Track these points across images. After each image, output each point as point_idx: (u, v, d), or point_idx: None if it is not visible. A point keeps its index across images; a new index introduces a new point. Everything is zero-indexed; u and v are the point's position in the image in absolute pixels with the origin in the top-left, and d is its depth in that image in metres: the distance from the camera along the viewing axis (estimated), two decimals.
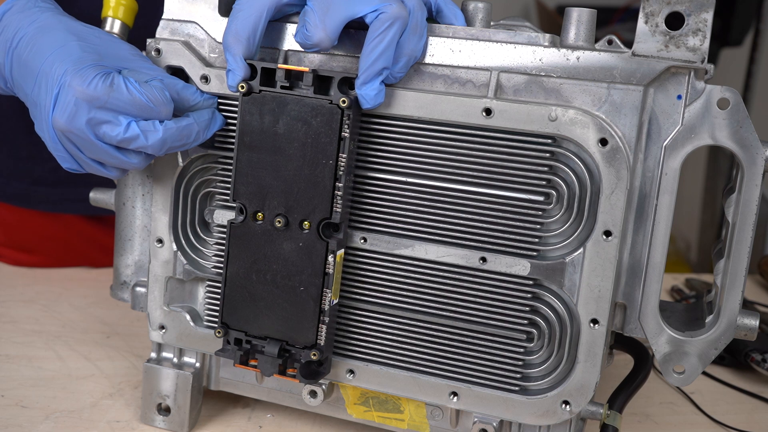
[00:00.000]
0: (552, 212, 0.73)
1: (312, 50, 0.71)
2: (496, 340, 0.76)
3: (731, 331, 0.73)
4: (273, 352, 0.75)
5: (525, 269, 0.73)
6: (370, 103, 0.71)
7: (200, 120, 0.75)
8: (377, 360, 0.79)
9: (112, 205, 0.88)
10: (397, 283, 0.77)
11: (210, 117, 0.76)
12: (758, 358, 1.02)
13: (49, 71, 0.72)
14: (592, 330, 0.72)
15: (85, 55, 0.73)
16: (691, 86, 0.70)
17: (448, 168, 0.74)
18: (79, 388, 0.92)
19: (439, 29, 0.74)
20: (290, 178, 0.73)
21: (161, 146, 0.73)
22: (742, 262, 0.72)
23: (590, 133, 0.70)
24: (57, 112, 0.72)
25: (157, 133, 0.72)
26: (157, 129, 0.72)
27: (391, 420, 0.82)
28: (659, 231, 0.72)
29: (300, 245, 0.74)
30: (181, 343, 0.84)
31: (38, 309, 1.11)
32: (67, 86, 0.71)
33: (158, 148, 0.73)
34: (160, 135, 0.72)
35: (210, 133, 0.77)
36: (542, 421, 0.75)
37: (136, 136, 0.72)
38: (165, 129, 0.73)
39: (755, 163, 0.70)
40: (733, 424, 0.93)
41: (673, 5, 0.68)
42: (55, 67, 0.72)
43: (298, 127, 0.72)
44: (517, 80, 0.72)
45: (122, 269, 0.89)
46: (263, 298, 0.76)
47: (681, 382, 0.75)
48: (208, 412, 0.89)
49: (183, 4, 0.80)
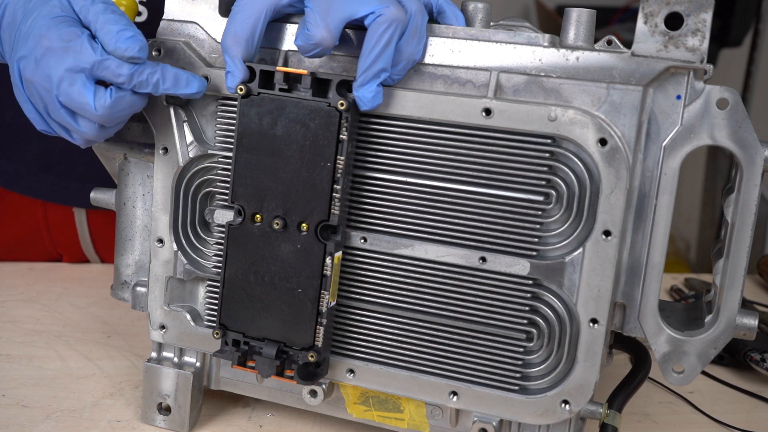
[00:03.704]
0: (551, 212, 0.73)
1: (314, 52, 0.71)
2: (495, 339, 0.76)
3: (730, 330, 0.73)
4: (271, 353, 0.75)
5: (525, 269, 0.74)
6: (368, 105, 0.71)
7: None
8: (377, 359, 0.79)
9: (112, 205, 0.88)
10: (397, 283, 0.78)
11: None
12: (757, 358, 1.03)
13: (25, 25, 0.74)
14: (591, 329, 0.73)
15: (61, 13, 0.74)
16: (690, 86, 0.70)
17: (448, 168, 0.74)
18: (79, 388, 0.92)
19: (439, 29, 0.74)
20: (288, 180, 0.73)
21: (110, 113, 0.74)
22: (741, 262, 0.72)
23: (590, 133, 0.70)
24: (26, 62, 0.73)
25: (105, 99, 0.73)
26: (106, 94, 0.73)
27: (391, 419, 0.82)
28: (658, 231, 0.72)
29: (298, 247, 0.74)
30: (182, 342, 0.84)
31: (39, 308, 1.11)
32: (39, 37, 0.73)
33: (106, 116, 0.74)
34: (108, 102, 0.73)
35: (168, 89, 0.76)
36: (542, 420, 0.75)
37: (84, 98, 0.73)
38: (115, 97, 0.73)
39: (754, 163, 0.70)
40: (733, 424, 0.94)
41: (672, 5, 0.69)
42: (29, 22, 0.74)
43: (297, 130, 0.72)
44: (517, 80, 0.72)
45: (123, 269, 0.89)
46: (261, 300, 0.76)
47: (680, 381, 0.75)
48: (208, 412, 0.89)
49: (183, 5, 0.80)
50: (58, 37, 0.73)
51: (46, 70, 0.73)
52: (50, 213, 1.22)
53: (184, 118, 0.80)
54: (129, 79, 0.73)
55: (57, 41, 0.73)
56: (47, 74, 0.73)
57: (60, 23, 0.74)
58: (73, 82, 0.73)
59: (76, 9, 0.75)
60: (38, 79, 0.74)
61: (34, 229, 1.24)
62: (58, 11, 0.75)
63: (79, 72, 0.73)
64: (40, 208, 1.22)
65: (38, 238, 1.25)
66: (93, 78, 0.74)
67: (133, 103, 0.75)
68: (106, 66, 0.73)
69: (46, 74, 0.73)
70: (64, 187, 1.19)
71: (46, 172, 1.18)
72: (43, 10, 0.75)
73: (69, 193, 1.20)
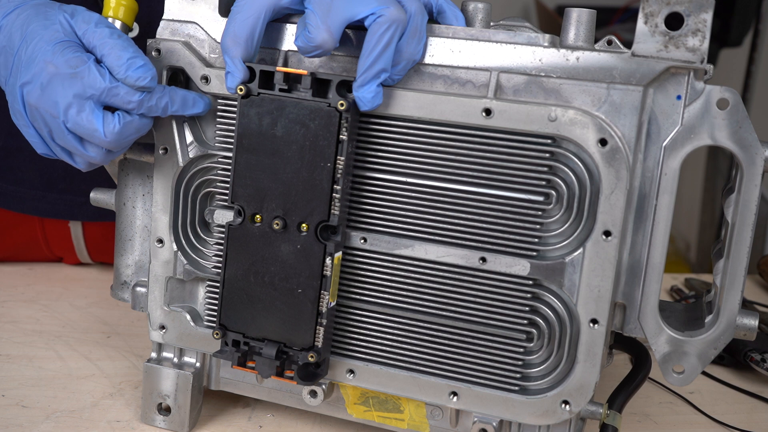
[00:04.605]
0: (552, 212, 0.73)
1: (314, 53, 0.71)
2: (496, 340, 0.76)
3: (730, 330, 0.73)
4: (270, 353, 0.75)
5: (525, 269, 0.73)
6: (368, 106, 0.71)
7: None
8: (377, 360, 0.79)
9: (112, 205, 0.88)
10: (397, 283, 0.78)
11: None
12: (757, 358, 1.03)
13: (26, 50, 0.74)
14: (591, 330, 0.72)
15: (65, 38, 0.74)
16: (690, 86, 0.70)
17: (448, 168, 0.74)
18: (79, 388, 0.92)
19: (439, 29, 0.74)
20: (288, 181, 0.73)
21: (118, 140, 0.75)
22: (741, 262, 0.72)
23: (590, 133, 0.70)
24: (30, 87, 0.73)
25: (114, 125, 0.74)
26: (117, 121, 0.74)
27: (391, 420, 0.82)
28: (659, 231, 0.72)
29: (298, 247, 0.74)
30: (182, 343, 0.84)
31: (39, 309, 1.11)
32: (44, 63, 0.72)
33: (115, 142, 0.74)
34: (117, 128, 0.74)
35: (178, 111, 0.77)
36: (542, 420, 0.75)
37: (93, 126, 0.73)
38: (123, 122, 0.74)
39: (754, 163, 0.70)
40: (733, 424, 0.94)
41: (672, 6, 0.68)
42: (31, 46, 0.73)
43: (297, 130, 0.72)
44: (517, 80, 0.72)
45: (122, 269, 0.89)
46: (261, 300, 0.76)
47: (680, 381, 0.75)
48: (208, 412, 0.89)
49: (183, 5, 0.80)
50: (65, 63, 0.73)
51: (53, 96, 0.73)
52: (47, 225, 1.22)
53: (184, 119, 0.80)
54: (139, 105, 0.74)
55: (64, 67, 0.73)
56: (54, 101, 0.73)
57: (65, 49, 0.73)
58: (81, 109, 0.73)
59: (78, 33, 0.75)
60: (44, 105, 0.74)
61: (32, 239, 1.24)
62: (61, 36, 0.74)
63: (88, 99, 0.73)
64: (38, 220, 1.22)
65: (36, 248, 1.25)
66: (101, 104, 0.74)
67: (140, 127, 0.76)
68: (115, 93, 0.73)
69: (52, 101, 0.73)
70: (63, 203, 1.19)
71: (45, 191, 1.18)
72: (45, 35, 0.74)
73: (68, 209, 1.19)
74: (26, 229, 1.22)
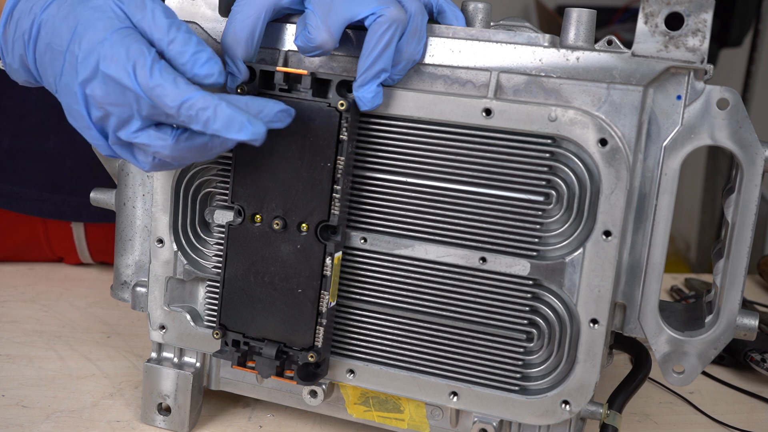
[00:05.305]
0: (552, 212, 0.73)
1: (314, 53, 0.71)
2: (496, 340, 0.76)
3: (731, 331, 0.73)
4: (270, 353, 0.75)
5: (525, 269, 0.73)
6: (368, 106, 0.71)
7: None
8: (377, 360, 0.79)
9: (112, 205, 0.88)
10: (397, 283, 0.78)
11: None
12: (758, 358, 1.03)
13: (80, 45, 0.67)
14: (591, 330, 0.72)
15: (121, 25, 0.68)
16: (690, 86, 0.70)
17: (447, 168, 0.74)
18: (79, 388, 0.92)
19: (439, 29, 0.74)
20: (288, 181, 0.73)
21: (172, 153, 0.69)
22: (741, 262, 0.72)
23: (590, 133, 0.70)
24: (95, 83, 0.67)
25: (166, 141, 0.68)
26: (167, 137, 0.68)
27: (391, 420, 0.82)
28: (659, 231, 0.72)
29: (298, 247, 0.74)
30: (182, 343, 0.84)
31: (39, 309, 1.11)
32: (109, 59, 0.66)
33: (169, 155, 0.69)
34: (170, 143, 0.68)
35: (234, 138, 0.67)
36: (542, 420, 0.75)
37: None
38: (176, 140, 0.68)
39: (754, 163, 0.70)
40: (733, 424, 0.94)
41: (672, 6, 0.68)
42: (86, 40, 0.67)
43: (297, 130, 0.72)
44: (517, 80, 0.72)
45: (122, 269, 0.89)
46: (261, 300, 0.76)
47: (680, 381, 0.75)
48: (208, 412, 0.89)
49: (183, 5, 0.80)
50: (126, 55, 0.66)
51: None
52: (50, 225, 1.22)
53: None
54: (177, 111, 0.66)
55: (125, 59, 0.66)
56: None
57: (124, 38, 0.67)
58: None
59: (134, 21, 0.69)
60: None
61: (33, 239, 1.24)
62: (117, 23, 0.68)
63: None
64: (40, 221, 1.22)
65: (38, 248, 1.25)
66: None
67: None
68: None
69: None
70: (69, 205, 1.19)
71: (51, 192, 1.18)
72: (99, 26, 0.67)
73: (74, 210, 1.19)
74: (27, 228, 1.22)
